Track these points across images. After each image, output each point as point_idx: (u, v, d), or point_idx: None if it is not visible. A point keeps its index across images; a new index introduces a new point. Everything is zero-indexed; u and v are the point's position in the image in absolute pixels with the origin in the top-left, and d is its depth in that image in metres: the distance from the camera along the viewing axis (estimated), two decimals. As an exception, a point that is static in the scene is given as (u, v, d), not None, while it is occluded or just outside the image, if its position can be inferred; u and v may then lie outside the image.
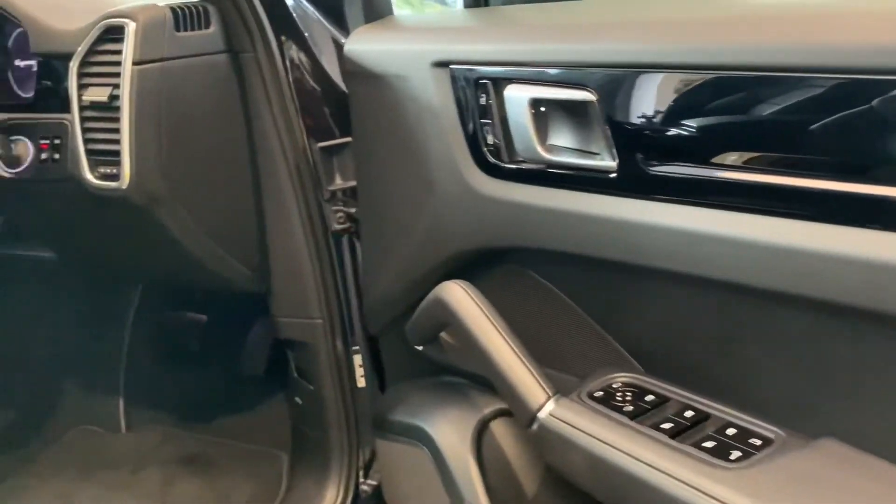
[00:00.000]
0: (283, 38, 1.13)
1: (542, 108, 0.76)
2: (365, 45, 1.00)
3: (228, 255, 1.18)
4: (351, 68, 1.02)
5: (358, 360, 1.24)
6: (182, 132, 1.07)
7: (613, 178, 0.71)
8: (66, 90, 1.03)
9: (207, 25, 1.10)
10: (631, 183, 0.69)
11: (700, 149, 0.67)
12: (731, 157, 0.64)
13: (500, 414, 0.94)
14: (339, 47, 1.20)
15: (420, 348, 1.01)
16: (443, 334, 0.97)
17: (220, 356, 1.59)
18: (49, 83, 1.06)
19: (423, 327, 0.95)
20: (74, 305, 1.64)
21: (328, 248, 1.18)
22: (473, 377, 0.98)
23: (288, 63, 1.14)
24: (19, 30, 1.15)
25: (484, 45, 0.85)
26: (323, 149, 1.14)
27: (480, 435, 0.93)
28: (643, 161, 0.67)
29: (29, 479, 1.47)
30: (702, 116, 0.67)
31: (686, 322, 0.74)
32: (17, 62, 1.16)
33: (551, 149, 0.76)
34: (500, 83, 0.79)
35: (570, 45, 0.73)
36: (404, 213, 0.98)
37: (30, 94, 1.10)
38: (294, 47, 1.15)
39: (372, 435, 1.19)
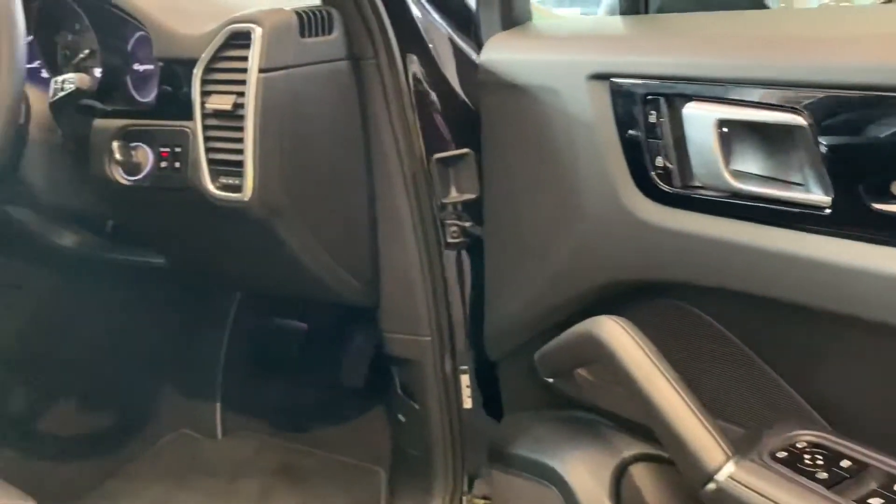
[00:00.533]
0: (405, 43, 1.08)
1: (726, 129, 0.67)
2: (503, 53, 0.93)
3: (341, 268, 1.13)
4: (485, 78, 0.95)
5: (465, 380, 1.18)
6: (303, 142, 1.02)
7: (826, 214, 0.62)
8: (187, 97, 1.00)
9: (331, 31, 1.05)
10: (848, 221, 0.60)
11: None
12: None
13: (641, 458, 0.87)
14: (462, 55, 1.15)
15: (551, 381, 0.94)
16: (581, 370, 0.89)
17: (319, 366, 1.55)
18: (170, 89, 1.02)
19: (561, 360, 0.88)
20: (174, 310, 1.63)
21: (441, 263, 1.13)
22: (610, 415, 0.90)
23: (409, 70, 1.09)
24: (139, 33, 1.12)
25: (655, 56, 0.76)
26: (439, 160, 1.09)
27: (619, 479, 0.86)
28: (865, 197, 0.58)
29: (127, 483, 1.47)
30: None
31: (893, 378, 0.64)
32: (138, 66, 1.14)
33: (738, 175, 0.67)
34: (675, 100, 0.70)
35: (776, 62, 0.64)
36: (541, 234, 0.91)
37: (150, 100, 1.07)
38: (416, 54, 1.10)
39: (486, 465, 1.13)
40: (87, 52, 1.16)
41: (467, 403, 1.19)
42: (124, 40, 1.13)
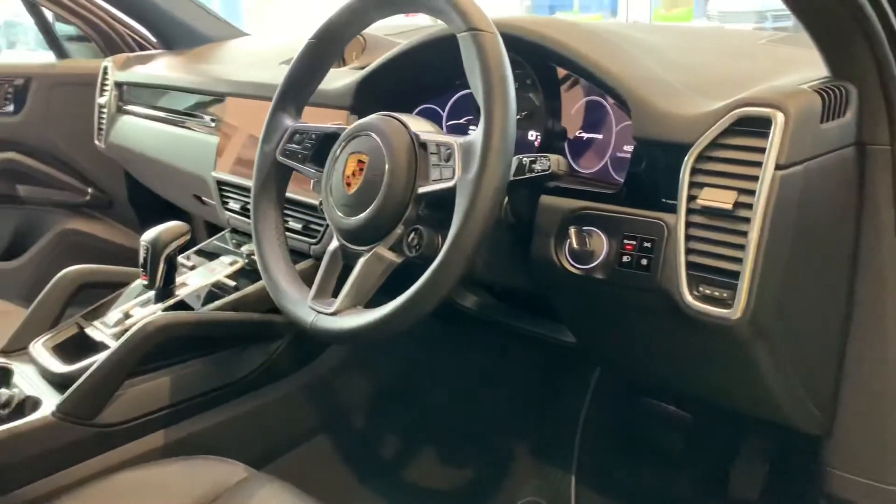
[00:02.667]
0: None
1: None
2: None
3: (805, 393, 0.94)
4: None
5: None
6: (804, 248, 0.84)
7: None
8: (667, 185, 0.86)
9: (844, 112, 0.85)
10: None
11: None
12: None
13: None
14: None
15: None
16: None
17: (699, 461, 1.37)
18: (643, 173, 0.89)
19: None
20: (536, 371, 1.57)
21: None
22: None
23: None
24: (596, 100, 1.01)
25: None
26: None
27: None
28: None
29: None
30: None
31: None
32: (585, 137, 1.03)
33: None
34: None
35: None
36: None
37: (618, 183, 0.95)
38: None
39: None
40: (523, 113, 1.08)
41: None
42: (597, 114, 1.03)
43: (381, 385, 1.49)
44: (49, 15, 2.23)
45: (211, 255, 1.51)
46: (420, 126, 0.93)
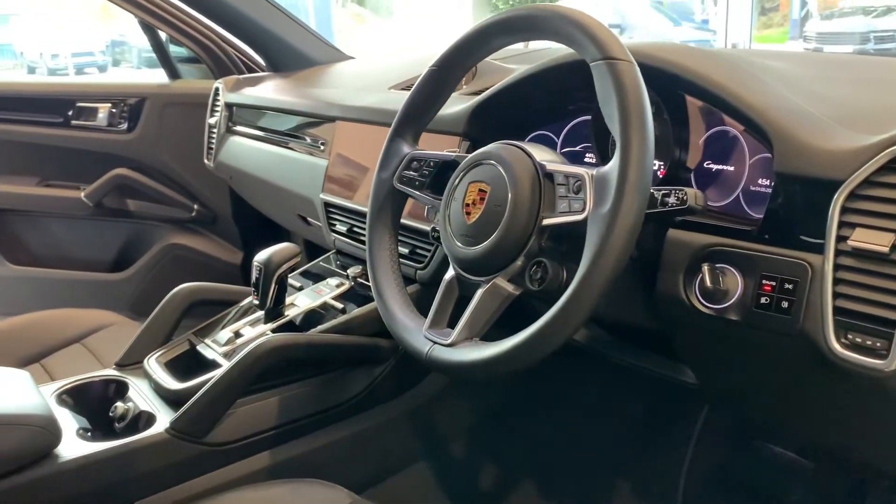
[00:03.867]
0: None
1: None
2: None
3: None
4: None
5: None
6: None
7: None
8: (808, 222, 0.81)
9: None
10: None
11: None
12: None
13: None
14: None
15: None
16: None
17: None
18: (783, 208, 0.84)
19: None
20: (642, 404, 1.51)
21: None
22: None
23: None
24: (727, 131, 0.96)
25: None
26: None
27: None
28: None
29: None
30: None
31: None
32: (714, 168, 0.99)
33: None
34: None
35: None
36: None
37: (751, 218, 0.90)
38: None
39: None
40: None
41: None
42: (704, 136, 0.98)
43: (482, 413, 1.47)
44: (163, 36, 2.32)
45: (315, 277, 1.52)
46: (544, 155, 0.90)
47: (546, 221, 0.86)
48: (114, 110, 2.33)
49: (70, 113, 2.34)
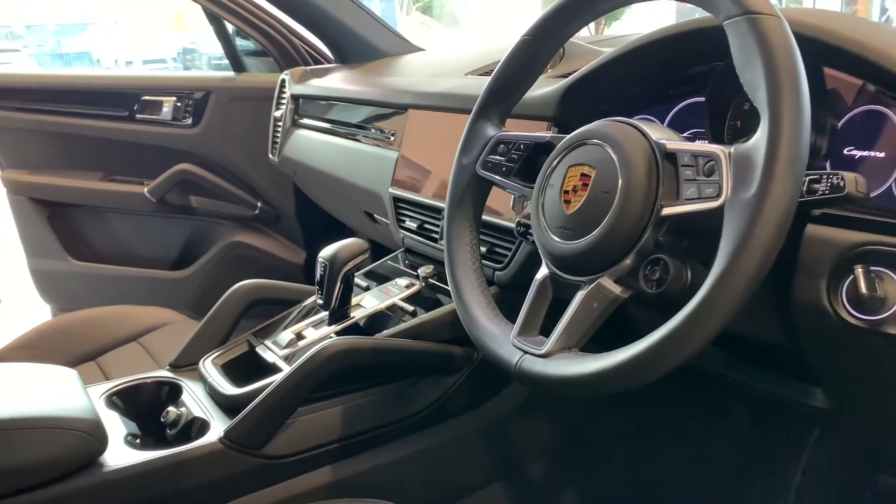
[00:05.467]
0: None
1: None
2: None
3: None
4: None
5: None
6: None
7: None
8: None
9: None
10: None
11: None
12: None
13: None
14: None
15: None
16: None
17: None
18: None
19: None
20: (739, 436, 1.36)
21: None
22: None
23: None
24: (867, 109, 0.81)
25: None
26: None
27: None
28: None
29: None
30: None
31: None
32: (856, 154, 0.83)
33: None
34: None
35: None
36: None
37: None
38: None
39: None
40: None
41: None
42: (846, 117, 0.83)
43: (564, 431, 1.33)
44: (230, 29, 2.26)
45: (380, 278, 1.40)
46: (661, 133, 0.77)
47: (667, 211, 0.72)
48: (178, 104, 2.27)
49: (136, 107, 2.29)
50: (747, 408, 1.34)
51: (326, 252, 1.19)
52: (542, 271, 0.84)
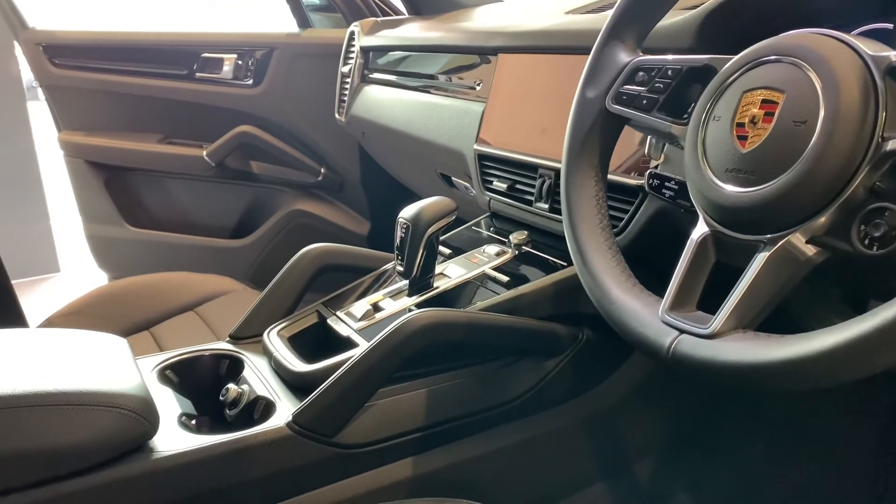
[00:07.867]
0: None
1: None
2: None
3: None
4: None
5: None
6: None
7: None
8: None
9: None
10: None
11: None
12: None
13: None
14: None
15: None
16: None
17: None
18: None
19: None
20: (870, 441, 1.16)
21: None
22: None
23: None
24: None
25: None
26: None
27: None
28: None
29: None
30: None
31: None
32: None
33: None
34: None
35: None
36: None
37: None
38: None
39: None
40: None
41: None
42: None
43: (678, 426, 1.15)
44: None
45: (461, 248, 1.23)
46: (877, 47, 0.57)
47: (893, 145, 0.53)
48: (240, 62, 2.13)
49: (195, 65, 2.17)
50: (878, 408, 1.14)
51: (408, 212, 1.03)
52: (700, 229, 0.66)
